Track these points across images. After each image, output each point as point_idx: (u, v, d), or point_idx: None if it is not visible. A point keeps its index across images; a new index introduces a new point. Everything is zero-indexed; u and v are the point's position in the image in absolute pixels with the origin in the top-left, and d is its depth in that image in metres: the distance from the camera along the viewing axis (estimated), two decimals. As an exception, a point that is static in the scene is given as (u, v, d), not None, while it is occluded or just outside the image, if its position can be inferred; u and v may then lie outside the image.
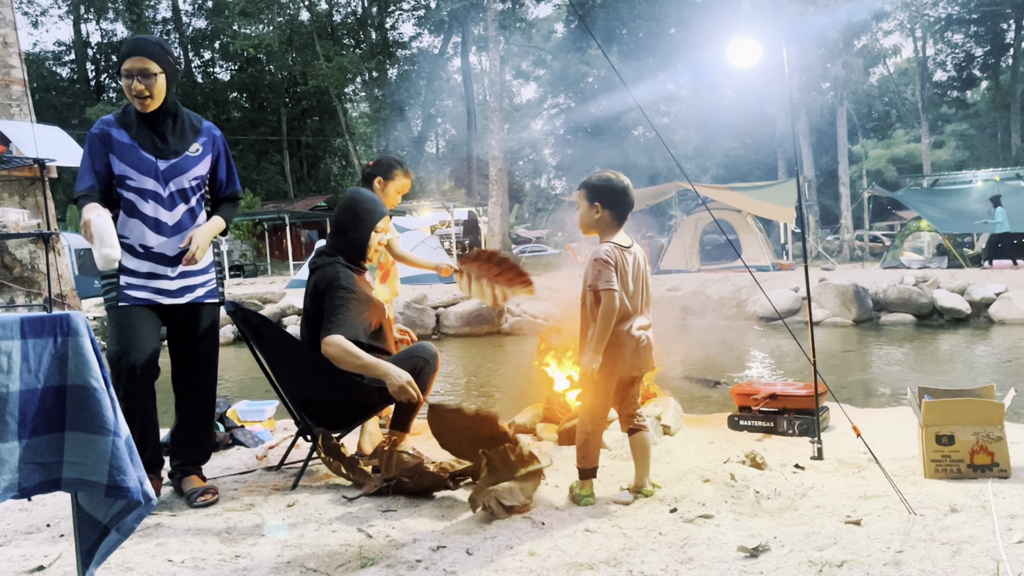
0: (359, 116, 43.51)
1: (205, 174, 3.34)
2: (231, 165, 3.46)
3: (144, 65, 3.08)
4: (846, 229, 24.88)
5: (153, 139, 3.21)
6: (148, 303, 3.19)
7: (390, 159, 4.22)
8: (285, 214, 29.34)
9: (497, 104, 23.71)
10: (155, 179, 3.18)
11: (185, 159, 3.25)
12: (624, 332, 2.99)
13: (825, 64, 25.03)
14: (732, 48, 4.08)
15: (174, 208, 3.22)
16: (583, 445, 3.06)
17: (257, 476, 3.64)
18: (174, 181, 3.21)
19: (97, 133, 3.19)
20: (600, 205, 3.05)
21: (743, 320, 13.44)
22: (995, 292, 12.53)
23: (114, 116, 3.26)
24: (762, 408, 4.13)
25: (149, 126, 3.21)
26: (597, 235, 3.12)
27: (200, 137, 3.32)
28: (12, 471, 2.01)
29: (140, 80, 3.08)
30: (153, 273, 3.20)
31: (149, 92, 3.11)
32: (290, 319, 14.36)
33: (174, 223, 3.22)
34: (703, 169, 38.36)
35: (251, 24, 34.79)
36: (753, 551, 2.45)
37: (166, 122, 3.23)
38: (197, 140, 3.31)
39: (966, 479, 3.05)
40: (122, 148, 3.17)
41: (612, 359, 2.99)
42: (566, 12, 37.93)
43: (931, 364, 9.12)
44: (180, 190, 3.23)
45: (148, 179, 3.17)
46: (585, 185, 3.10)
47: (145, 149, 3.19)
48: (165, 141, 3.22)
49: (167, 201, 3.21)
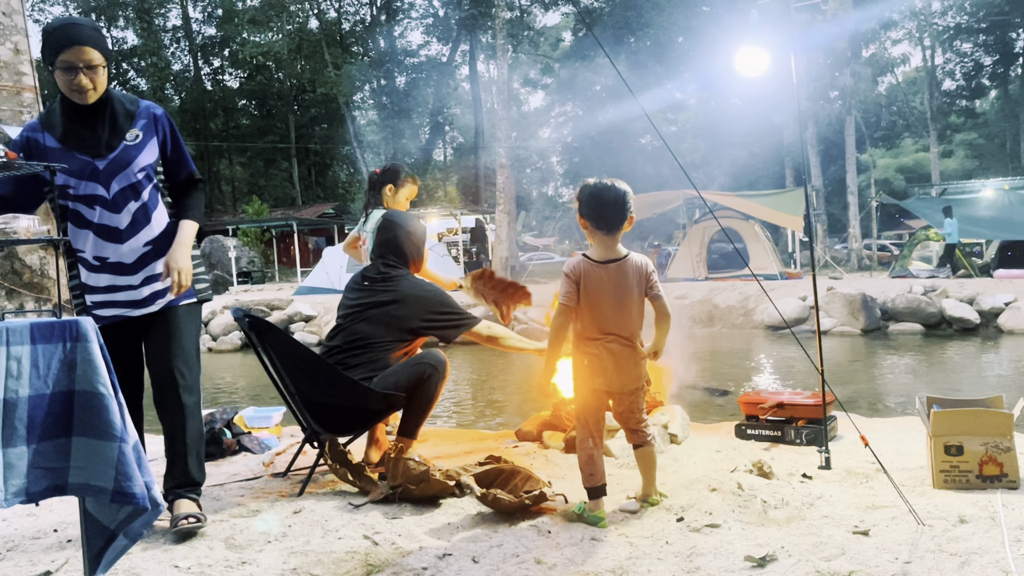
0: (367, 124, 43.67)
1: (153, 161, 2.92)
2: (179, 144, 3.03)
3: (88, 56, 2.67)
4: (854, 238, 24.83)
5: (83, 136, 2.80)
6: (117, 319, 2.89)
7: (398, 166, 4.35)
8: (293, 221, 29.46)
9: (505, 112, 23.75)
10: (95, 181, 2.80)
11: (124, 150, 2.83)
12: (596, 346, 2.90)
13: (833, 73, 25.05)
14: (740, 57, 4.08)
15: (123, 209, 2.85)
16: (587, 463, 2.94)
17: (264, 482, 3.64)
18: (117, 179, 2.82)
19: (21, 142, 2.81)
20: (579, 214, 2.97)
21: (750, 329, 13.41)
22: (1004, 302, 12.47)
23: (38, 120, 2.88)
24: (769, 417, 4.12)
25: (78, 122, 2.81)
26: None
27: (137, 120, 2.90)
28: (20, 476, 2.01)
29: (85, 73, 2.68)
30: (114, 285, 2.88)
31: (94, 85, 2.72)
32: (297, 325, 14.39)
33: (126, 225, 2.86)
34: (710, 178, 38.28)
35: (260, 32, 35.03)
36: (760, 561, 2.43)
37: (98, 113, 2.81)
38: (135, 125, 2.88)
39: (975, 490, 3.03)
40: (53, 155, 2.77)
41: (590, 373, 2.93)
42: (574, 21, 38.05)
43: (940, 374, 9.07)
44: (128, 187, 2.84)
45: (88, 183, 2.80)
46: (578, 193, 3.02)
47: (77, 150, 2.79)
48: (97, 136, 2.81)
49: (113, 203, 2.83)
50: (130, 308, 2.90)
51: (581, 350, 2.94)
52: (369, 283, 3.67)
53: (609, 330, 2.90)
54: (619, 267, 2.90)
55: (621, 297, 2.90)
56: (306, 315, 14.95)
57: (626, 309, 2.91)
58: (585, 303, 2.90)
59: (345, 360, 3.50)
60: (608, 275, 2.89)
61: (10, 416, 2.00)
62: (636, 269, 2.93)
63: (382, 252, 3.76)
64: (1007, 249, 17.00)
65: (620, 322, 2.91)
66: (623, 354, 2.92)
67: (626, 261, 2.92)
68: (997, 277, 16.00)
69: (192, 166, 3.07)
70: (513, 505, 2.94)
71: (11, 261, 5.98)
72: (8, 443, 1.99)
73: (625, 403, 3.02)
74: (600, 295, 2.88)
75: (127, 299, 2.89)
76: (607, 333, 2.90)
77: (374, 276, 3.69)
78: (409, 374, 3.46)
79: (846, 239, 26.80)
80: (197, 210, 3.04)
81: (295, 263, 28.51)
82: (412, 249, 3.78)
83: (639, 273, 2.93)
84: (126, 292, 2.88)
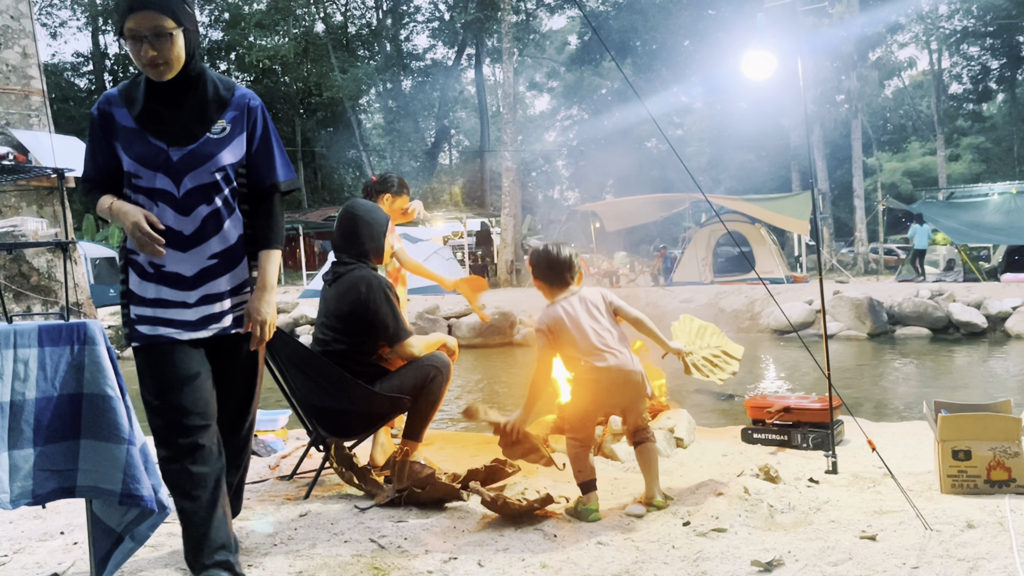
0: (373, 127, 43.76)
1: (236, 161, 2.44)
2: (271, 145, 2.51)
3: (156, 22, 2.23)
4: (861, 242, 24.77)
5: (163, 119, 2.37)
6: (164, 340, 2.39)
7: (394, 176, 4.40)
8: (299, 224, 29.46)
9: (510, 115, 23.77)
10: (165, 174, 2.36)
11: (206, 143, 2.38)
12: (590, 370, 3.08)
13: (840, 76, 25.01)
14: (746, 60, 4.08)
15: (192, 212, 2.37)
16: (575, 460, 3.14)
17: (270, 486, 3.65)
18: (191, 175, 2.36)
19: (96, 115, 2.42)
20: (535, 278, 3.29)
21: (757, 333, 13.38)
22: (1012, 306, 12.43)
23: (119, 90, 2.44)
24: (776, 421, 4.11)
25: (161, 101, 2.38)
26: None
27: (228, 111, 2.43)
28: (26, 478, 2.02)
29: (152, 43, 2.24)
30: (162, 299, 2.38)
31: (164, 58, 2.27)
32: (303, 328, 14.41)
33: (191, 232, 2.37)
34: (716, 181, 38.29)
35: (267, 36, 35.13)
36: (767, 566, 2.43)
37: (186, 94, 2.39)
38: (224, 116, 2.42)
39: (983, 495, 3.02)
40: (126, 135, 2.37)
41: (587, 397, 3.16)
42: (580, 24, 38.06)
43: (947, 378, 9.04)
44: (201, 186, 2.38)
45: (157, 175, 2.36)
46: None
47: (153, 134, 2.36)
48: (179, 121, 2.38)
49: (182, 203, 2.37)
50: (178, 329, 2.39)
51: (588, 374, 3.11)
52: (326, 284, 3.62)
53: (600, 343, 3.10)
54: (579, 296, 3.20)
55: (593, 314, 3.16)
56: (311, 318, 14.98)
57: (604, 322, 3.16)
58: (565, 338, 3.12)
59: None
60: (573, 303, 3.17)
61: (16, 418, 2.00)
62: (593, 296, 3.22)
63: (338, 246, 3.61)
64: (1014, 253, 16.95)
65: (607, 334, 3.13)
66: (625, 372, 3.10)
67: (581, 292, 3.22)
68: (1004, 281, 15.95)
69: (280, 172, 2.52)
70: (520, 509, 2.94)
71: (19, 264, 6.00)
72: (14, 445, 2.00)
73: (632, 412, 3.22)
74: (575, 322, 3.12)
75: (176, 318, 2.39)
76: (602, 348, 3.09)
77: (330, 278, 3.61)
78: (413, 376, 3.46)
79: (852, 243, 26.76)
80: (277, 234, 2.53)
81: (301, 266, 28.53)
82: (371, 243, 3.58)
83: (598, 295, 3.23)
84: (177, 310, 2.39)
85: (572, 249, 3.30)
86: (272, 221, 2.51)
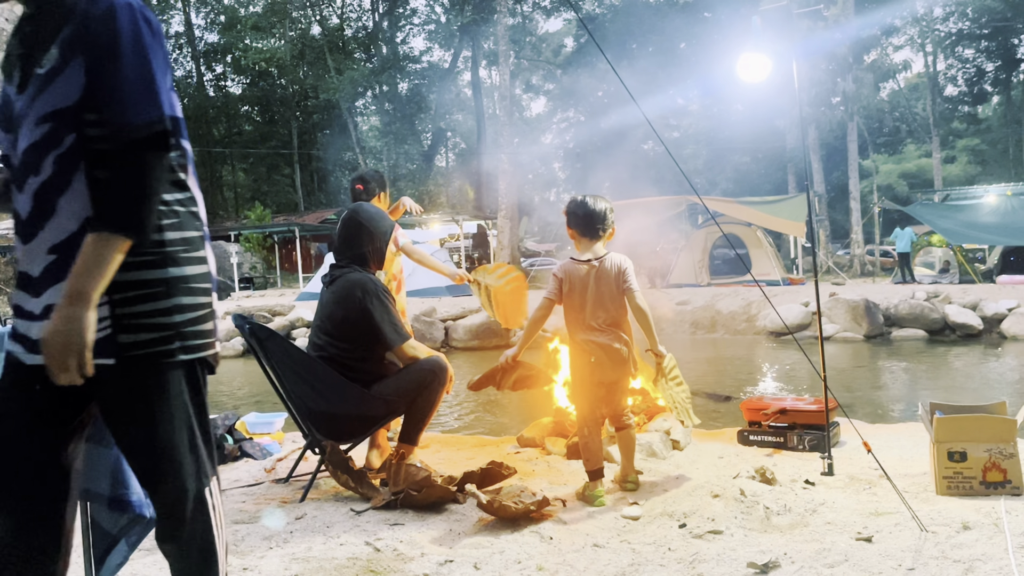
0: (369, 130, 43.74)
1: (68, 105, 1.56)
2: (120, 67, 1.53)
3: None
4: (857, 244, 24.80)
5: (10, 54, 1.67)
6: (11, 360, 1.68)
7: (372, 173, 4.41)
8: (295, 227, 29.48)
9: (507, 118, 23.77)
10: (7, 131, 1.66)
11: (34, 80, 1.59)
12: (580, 342, 3.30)
13: (835, 79, 25.07)
14: (742, 63, 4.09)
15: (24, 186, 1.62)
16: (584, 448, 3.32)
17: (265, 488, 3.64)
18: (24, 132, 1.60)
19: None
20: (568, 226, 3.43)
21: (753, 335, 13.39)
22: (1007, 308, 12.44)
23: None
24: (772, 423, 4.11)
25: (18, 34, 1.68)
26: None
27: (65, 28, 1.58)
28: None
29: None
30: (17, 306, 1.69)
31: None
32: (299, 331, 14.39)
33: (27, 214, 1.62)
34: (713, 183, 38.33)
35: (263, 38, 35.12)
36: (763, 568, 2.43)
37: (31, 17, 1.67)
38: (55, 43, 1.57)
39: (978, 496, 3.02)
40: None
41: (579, 367, 3.36)
42: (576, 27, 38.12)
43: (943, 380, 9.05)
44: (30, 147, 1.59)
45: (6, 135, 1.67)
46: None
47: (7, 76, 1.67)
48: (20, 54, 1.65)
49: (18, 174, 1.63)
50: (22, 348, 1.65)
51: (579, 348, 3.32)
52: (324, 286, 3.63)
53: (594, 322, 3.27)
54: (600, 264, 3.30)
55: (601, 290, 3.28)
56: (308, 321, 14.93)
57: (607, 301, 3.28)
58: (570, 299, 3.31)
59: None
60: (590, 271, 3.30)
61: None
62: (614, 266, 3.31)
63: (338, 250, 3.60)
64: (1010, 255, 16.97)
65: (604, 313, 3.28)
66: (611, 348, 3.27)
67: (606, 259, 3.33)
68: (1000, 283, 15.98)
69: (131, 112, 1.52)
70: (516, 512, 2.94)
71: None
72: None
73: (615, 391, 3.39)
74: (583, 289, 3.28)
75: (24, 332, 1.65)
76: (593, 326, 3.27)
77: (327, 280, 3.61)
78: (410, 379, 3.46)
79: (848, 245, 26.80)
80: (117, 206, 1.53)
81: (297, 269, 28.54)
82: (372, 249, 3.59)
83: (617, 268, 3.31)
84: (26, 322, 1.64)
85: (607, 204, 3.38)
86: (112, 187, 1.53)
